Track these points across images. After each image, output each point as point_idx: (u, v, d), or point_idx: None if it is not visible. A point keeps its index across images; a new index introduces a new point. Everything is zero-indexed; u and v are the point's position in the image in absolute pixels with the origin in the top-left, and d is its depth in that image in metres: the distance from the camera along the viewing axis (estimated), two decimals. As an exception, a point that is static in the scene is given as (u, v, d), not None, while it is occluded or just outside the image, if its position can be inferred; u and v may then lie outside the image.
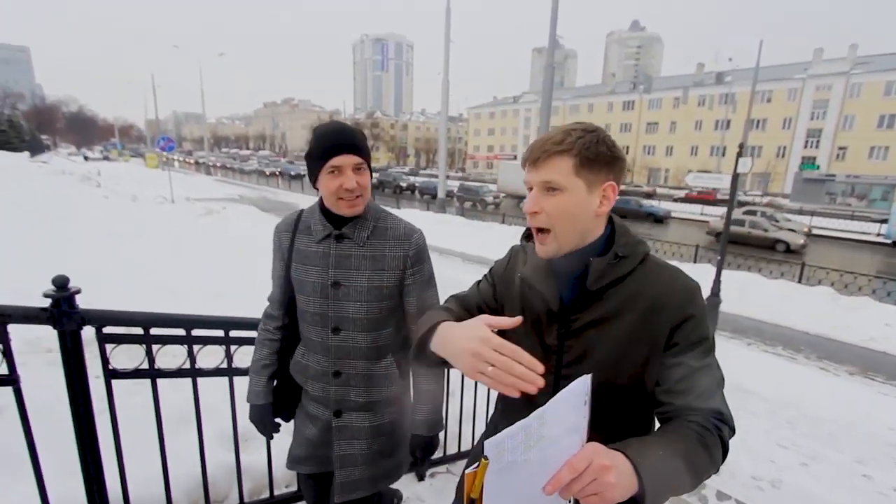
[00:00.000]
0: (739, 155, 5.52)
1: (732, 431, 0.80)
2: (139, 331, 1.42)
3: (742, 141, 6.96)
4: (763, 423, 4.38)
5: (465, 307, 1.06)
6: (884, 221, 21.32)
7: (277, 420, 1.43)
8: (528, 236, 1.00)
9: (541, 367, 0.70)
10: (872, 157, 37.81)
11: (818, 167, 38.34)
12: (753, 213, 18.60)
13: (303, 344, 1.32)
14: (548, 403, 0.62)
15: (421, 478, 2.35)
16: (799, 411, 4.72)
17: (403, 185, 33.58)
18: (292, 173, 41.11)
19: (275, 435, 1.46)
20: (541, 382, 0.68)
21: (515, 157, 64.44)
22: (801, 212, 26.06)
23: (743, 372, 5.23)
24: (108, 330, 1.36)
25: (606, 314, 0.88)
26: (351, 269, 1.23)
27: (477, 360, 0.72)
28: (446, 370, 1.48)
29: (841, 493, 3.33)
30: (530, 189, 0.90)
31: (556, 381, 0.90)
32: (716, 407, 0.79)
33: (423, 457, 1.37)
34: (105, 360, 1.37)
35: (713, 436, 0.75)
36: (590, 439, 0.67)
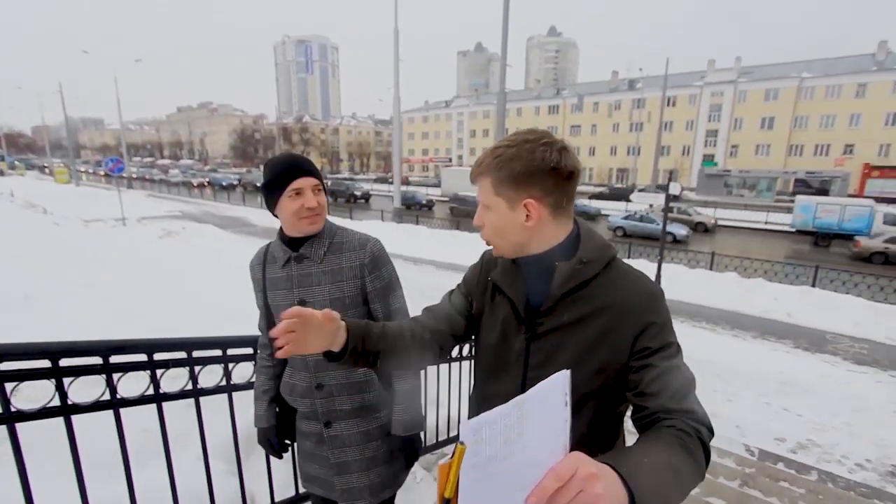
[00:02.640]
0: (670, 179, 7.06)
1: (711, 433, 0.77)
2: (47, 364, 1.21)
3: (673, 168, 8.54)
4: (697, 376, 5.82)
5: (436, 317, 1.06)
6: (770, 210, 25.37)
7: (286, 441, 1.50)
8: None
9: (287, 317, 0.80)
10: (758, 154, 43.76)
11: (716, 164, 43.59)
12: (672, 209, 21.48)
13: (289, 365, 1.39)
14: (526, 393, 0.58)
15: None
16: (721, 366, 6.21)
17: (358, 193, 31.36)
18: (223, 183, 39.27)
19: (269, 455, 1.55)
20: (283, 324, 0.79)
21: (451, 161, 66.12)
22: (705, 204, 29.82)
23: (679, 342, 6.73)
24: (5, 366, 1.15)
25: (571, 319, 0.88)
26: (313, 286, 1.30)
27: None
28: (423, 371, 1.62)
29: (755, 416, 4.77)
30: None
31: (523, 384, 0.92)
32: (690, 408, 0.77)
33: (405, 457, 1.42)
34: (6, 403, 1.16)
35: (693, 439, 0.72)
36: None
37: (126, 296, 5.07)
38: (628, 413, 0.92)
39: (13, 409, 1.18)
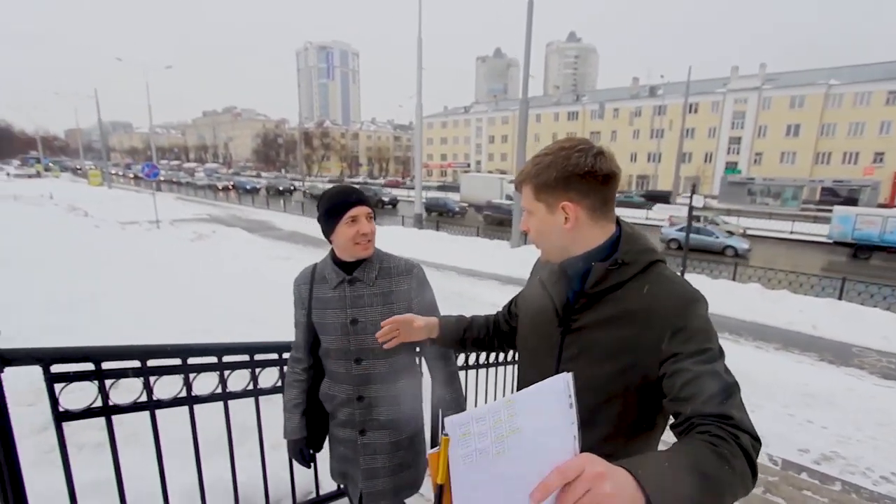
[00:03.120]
0: (693, 191, 7.13)
1: (756, 441, 0.70)
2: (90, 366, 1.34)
3: (695, 176, 8.57)
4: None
5: (509, 311, 1.32)
6: (796, 219, 24.83)
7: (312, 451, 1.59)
8: None
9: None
10: (783, 162, 42.85)
11: (740, 171, 42.82)
12: (698, 219, 20.72)
13: (328, 377, 1.49)
14: (518, 392, 0.61)
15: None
16: (744, 376, 6.21)
17: (386, 199, 31.79)
18: (247, 187, 40.21)
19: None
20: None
21: (469, 166, 66.35)
22: (728, 212, 29.37)
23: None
24: (56, 368, 1.27)
25: (603, 318, 0.91)
26: (365, 307, 1.41)
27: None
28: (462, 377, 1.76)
29: (778, 427, 4.82)
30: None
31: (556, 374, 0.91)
32: (728, 413, 0.71)
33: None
34: (55, 402, 1.28)
35: (729, 444, 0.65)
36: (586, 419, 0.65)
37: (174, 299, 5.40)
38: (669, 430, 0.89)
39: (110, 404, 1.42)
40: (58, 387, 1.28)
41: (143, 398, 1.49)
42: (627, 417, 0.90)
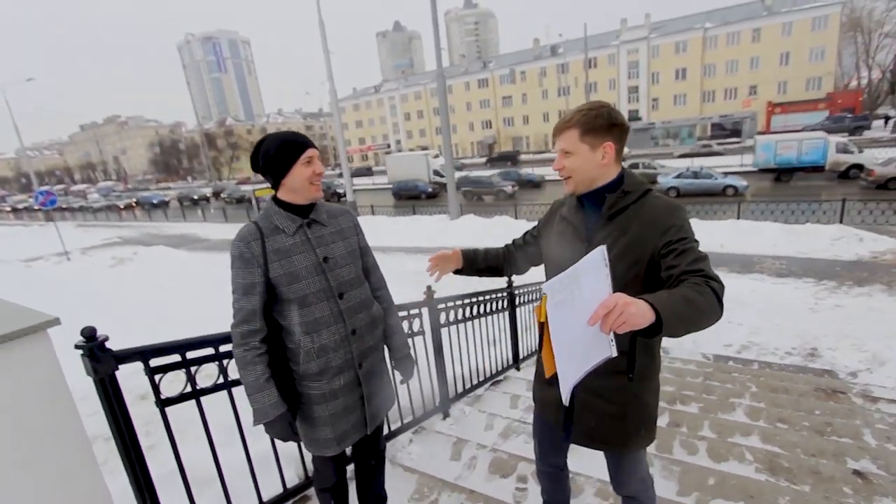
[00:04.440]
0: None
1: (721, 285, 1.04)
2: (177, 358, 1.55)
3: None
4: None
5: (517, 244, 1.70)
6: (696, 156, 27.64)
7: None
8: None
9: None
10: (676, 105, 46.87)
11: (641, 118, 46.36)
12: (636, 165, 22.35)
13: (308, 332, 1.41)
14: (575, 265, 0.99)
15: (445, 416, 2.96)
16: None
17: (341, 191, 29.21)
18: (154, 201, 36.98)
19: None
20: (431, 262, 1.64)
21: (389, 147, 65.43)
22: (632, 156, 31.87)
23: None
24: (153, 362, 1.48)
25: (616, 231, 1.26)
26: (330, 244, 1.48)
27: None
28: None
29: (706, 330, 5.74)
30: (557, 153, 1.34)
31: None
32: (701, 268, 1.07)
33: (403, 372, 1.78)
34: (157, 391, 1.50)
35: (703, 286, 1.01)
36: None
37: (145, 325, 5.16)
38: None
39: (198, 387, 1.64)
40: (157, 377, 1.51)
41: (193, 384, 1.63)
42: (641, 294, 1.28)
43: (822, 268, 8.22)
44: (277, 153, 1.38)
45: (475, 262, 1.71)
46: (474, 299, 3.30)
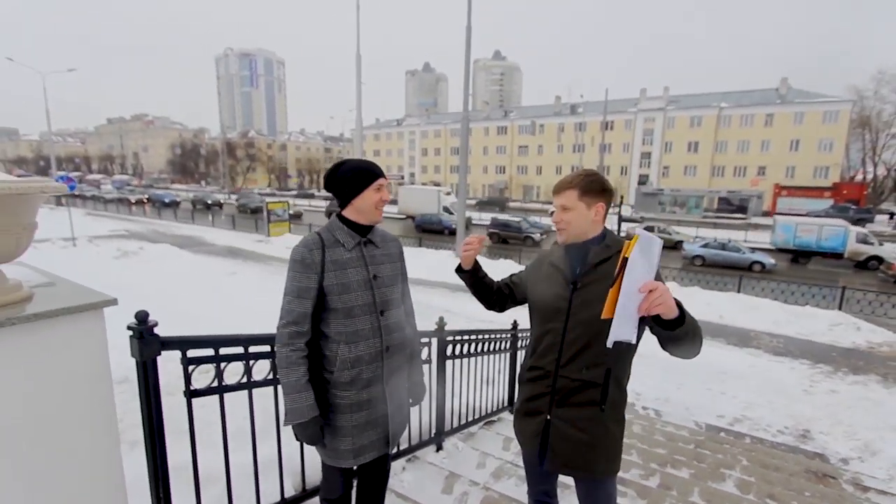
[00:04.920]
0: (621, 203, 8.09)
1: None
2: (211, 352, 1.61)
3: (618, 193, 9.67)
4: (647, 370, 6.76)
5: (507, 282, 1.84)
6: (700, 225, 28.00)
7: None
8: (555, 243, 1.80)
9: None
10: (686, 175, 48.08)
11: (652, 183, 47.44)
12: (651, 228, 22.31)
13: (347, 342, 1.52)
14: (651, 239, 1.21)
15: (439, 448, 2.99)
16: (666, 360, 7.20)
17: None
18: (166, 200, 37.33)
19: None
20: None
21: (403, 178, 66.78)
22: (642, 219, 32.38)
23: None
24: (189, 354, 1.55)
25: (598, 277, 1.47)
26: (379, 265, 1.61)
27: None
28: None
29: (700, 399, 5.71)
30: (555, 209, 1.57)
31: (567, 318, 1.49)
32: (686, 313, 1.28)
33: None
34: (188, 381, 1.57)
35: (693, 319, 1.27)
36: (580, 350, 1.44)
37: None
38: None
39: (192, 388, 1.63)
40: (190, 368, 1.57)
41: (220, 380, 1.69)
42: None
43: (819, 351, 8.25)
44: (354, 176, 1.55)
45: (477, 274, 1.79)
46: (482, 336, 3.38)
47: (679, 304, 1.18)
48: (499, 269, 13.03)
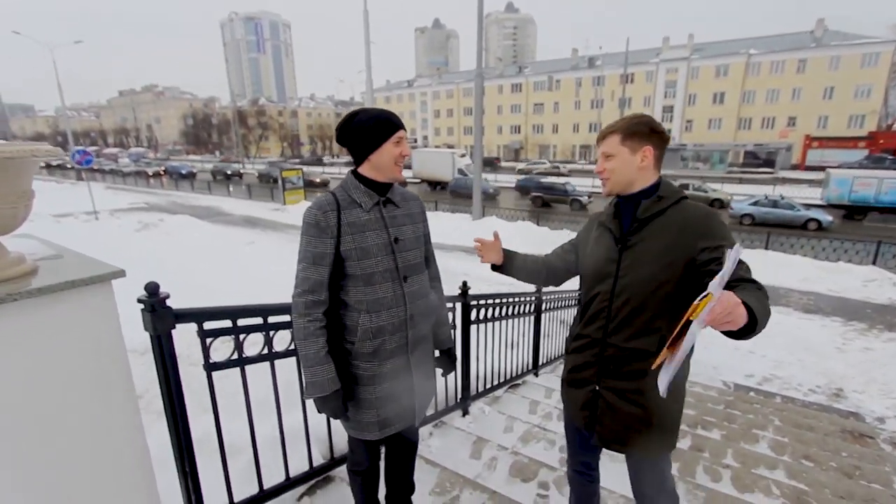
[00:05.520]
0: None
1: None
2: (228, 323, 1.53)
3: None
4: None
5: (557, 254, 1.69)
6: (724, 181, 26.87)
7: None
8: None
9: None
10: (710, 129, 46.00)
11: (673, 138, 45.64)
12: (686, 186, 21.56)
13: (368, 310, 1.40)
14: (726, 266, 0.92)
15: (465, 413, 2.96)
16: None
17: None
18: (183, 172, 37.60)
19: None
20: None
21: (416, 142, 65.62)
22: (682, 177, 31.35)
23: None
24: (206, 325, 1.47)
25: (650, 234, 1.31)
26: (401, 226, 1.47)
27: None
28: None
29: (728, 359, 5.59)
30: (598, 157, 1.42)
31: (615, 281, 1.36)
32: (752, 278, 1.10)
33: (447, 365, 1.76)
34: (207, 354, 1.49)
35: (760, 291, 1.05)
36: (629, 315, 1.30)
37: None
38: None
39: (244, 356, 1.60)
40: (208, 340, 1.49)
41: (241, 352, 1.61)
42: (670, 301, 1.29)
43: (853, 308, 7.97)
44: (372, 128, 1.38)
45: (514, 262, 1.69)
46: (505, 300, 3.28)
47: (750, 307, 0.93)
48: (520, 231, 12.85)
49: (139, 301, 1.34)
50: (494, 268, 1.72)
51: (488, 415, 3.02)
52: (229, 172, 38.22)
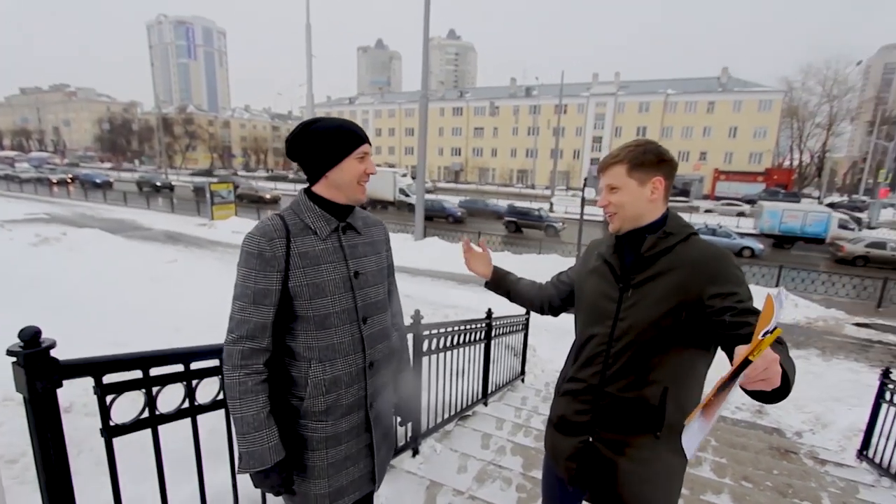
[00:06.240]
0: (585, 184, 8.15)
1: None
2: (138, 374, 1.21)
3: (567, 171, 9.73)
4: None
5: (552, 283, 1.59)
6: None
7: None
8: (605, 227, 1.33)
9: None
10: (634, 159, 49.89)
11: (601, 166, 48.84)
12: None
13: (321, 359, 1.17)
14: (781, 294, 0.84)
15: (415, 453, 2.71)
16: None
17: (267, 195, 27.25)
18: (97, 181, 34.22)
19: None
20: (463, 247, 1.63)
21: (357, 158, 64.78)
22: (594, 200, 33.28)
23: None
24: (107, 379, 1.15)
25: (655, 273, 1.17)
26: (363, 257, 1.25)
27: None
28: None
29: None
30: (601, 189, 1.28)
31: (614, 324, 1.22)
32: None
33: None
34: (107, 416, 1.16)
35: (783, 346, 0.94)
36: (630, 361, 1.17)
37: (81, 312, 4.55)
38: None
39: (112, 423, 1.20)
40: (109, 398, 1.14)
41: (153, 409, 1.28)
42: (674, 349, 1.16)
43: (764, 328, 8.70)
44: (332, 140, 1.16)
45: (508, 280, 1.62)
46: (458, 328, 3.13)
47: (785, 369, 0.83)
48: (394, 243, 12.84)
49: (9, 353, 1.00)
50: (488, 285, 1.64)
51: (440, 453, 2.82)
52: (159, 184, 34.62)
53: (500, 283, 1.62)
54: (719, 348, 1.13)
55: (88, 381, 1.13)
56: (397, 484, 2.37)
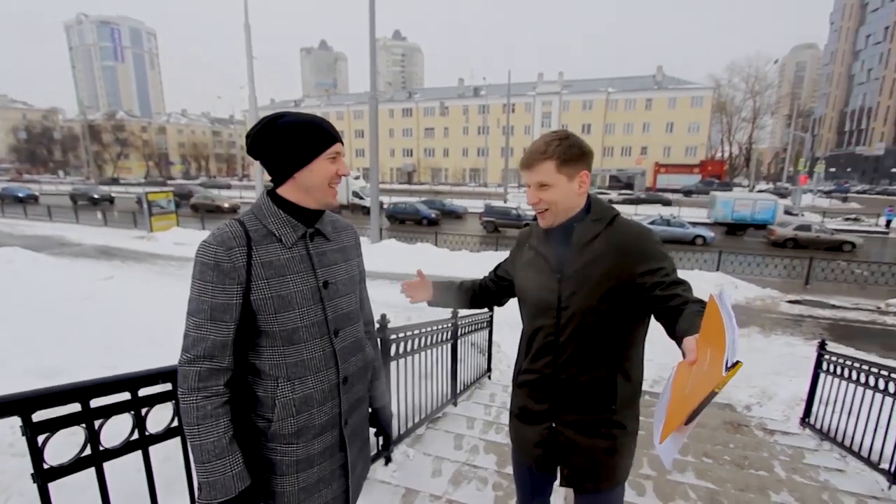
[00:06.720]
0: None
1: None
2: (77, 407, 1.09)
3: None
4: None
5: (491, 278, 1.61)
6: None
7: None
8: (534, 218, 1.33)
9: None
10: (581, 155, 51.87)
11: (550, 163, 50.37)
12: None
13: (289, 377, 1.08)
14: (730, 318, 0.74)
15: (388, 461, 2.62)
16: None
17: (226, 205, 25.90)
18: (20, 195, 31.29)
19: None
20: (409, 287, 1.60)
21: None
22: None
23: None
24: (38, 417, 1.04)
25: (589, 259, 1.21)
26: (333, 265, 1.16)
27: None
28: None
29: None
30: (529, 186, 1.27)
31: (558, 312, 1.25)
32: (696, 298, 1.03)
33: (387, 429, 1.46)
34: (39, 458, 1.04)
35: (702, 307, 0.94)
36: (578, 347, 1.23)
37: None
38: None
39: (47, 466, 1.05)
40: (41, 438, 0.99)
41: (96, 445, 1.12)
42: (618, 328, 1.23)
43: (708, 310, 9.24)
44: (301, 137, 1.05)
45: (448, 294, 1.63)
46: (425, 329, 3.07)
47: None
48: (419, 253, 12.76)
49: None
50: (430, 304, 1.64)
51: (413, 459, 2.74)
52: (97, 196, 31.30)
53: (439, 299, 1.64)
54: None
55: (13, 419, 0.98)
56: (371, 496, 2.28)
